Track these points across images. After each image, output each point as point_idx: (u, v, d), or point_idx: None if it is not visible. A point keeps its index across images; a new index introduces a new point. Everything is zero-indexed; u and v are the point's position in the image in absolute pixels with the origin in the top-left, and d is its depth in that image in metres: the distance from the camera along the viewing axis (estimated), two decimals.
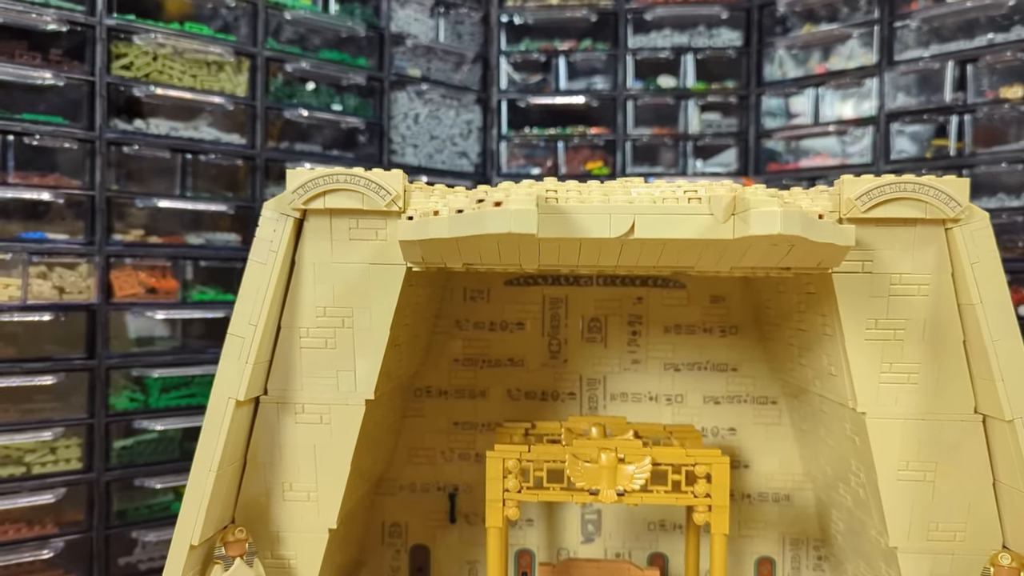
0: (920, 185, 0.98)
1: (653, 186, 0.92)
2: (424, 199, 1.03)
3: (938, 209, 0.99)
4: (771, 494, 1.50)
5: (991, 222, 1.00)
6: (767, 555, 1.50)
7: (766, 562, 1.50)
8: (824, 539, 1.47)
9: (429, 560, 1.52)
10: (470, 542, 1.51)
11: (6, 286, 1.49)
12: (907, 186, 0.98)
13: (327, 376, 1.10)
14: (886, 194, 0.98)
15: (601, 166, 2.38)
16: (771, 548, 1.49)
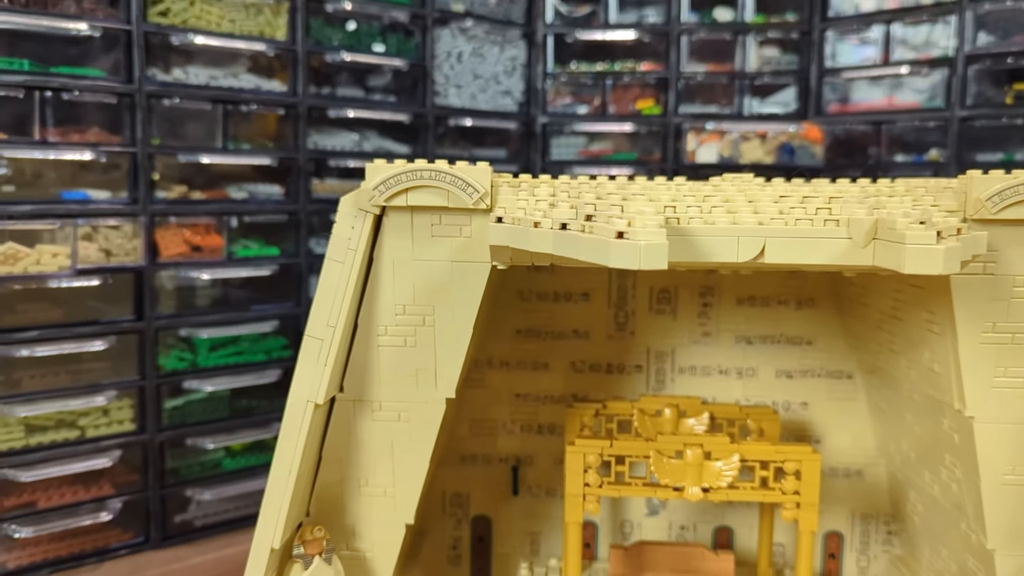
0: None
1: (773, 191, 0.84)
2: (512, 195, 0.96)
3: None
4: (842, 469, 1.47)
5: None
6: (835, 529, 1.48)
7: (834, 536, 1.48)
8: (896, 515, 1.44)
9: (491, 530, 1.51)
10: (533, 514, 1.50)
11: (55, 255, 1.43)
12: None
13: (406, 374, 1.05)
14: (1021, 195, 0.90)
15: (652, 105, 2.27)
16: (840, 523, 1.47)
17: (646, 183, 1.03)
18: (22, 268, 1.40)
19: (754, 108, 2.23)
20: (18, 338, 1.54)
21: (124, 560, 1.69)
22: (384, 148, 2.04)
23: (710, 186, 0.87)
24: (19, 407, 1.55)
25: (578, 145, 2.32)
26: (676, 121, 2.23)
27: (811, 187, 0.95)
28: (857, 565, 1.47)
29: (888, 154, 2.07)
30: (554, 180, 1.03)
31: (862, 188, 1.01)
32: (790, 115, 2.19)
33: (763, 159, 2.03)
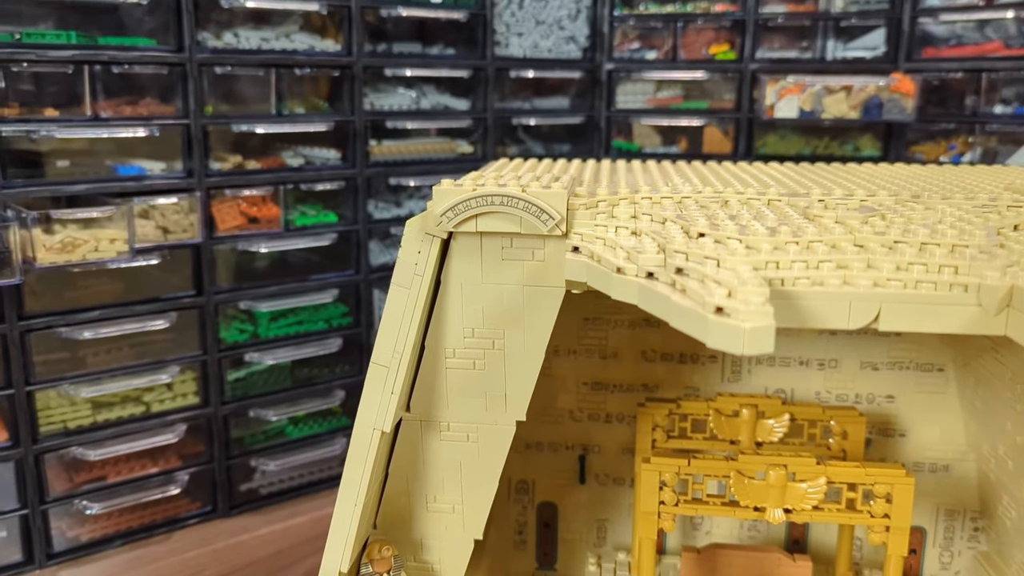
0: None
1: (885, 229, 0.75)
2: (588, 219, 0.88)
3: None
4: (928, 464, 1.39)
5: None
6: (918, 524, 1.41)
7: (916, 531, 1.42)
8: (984, 512, 1.37)
9: (557, 516, 1.48)
10: (600, 501, 1.46)
11: (112, 240, 1.40)
12: None
13: (475, 396, 1.00)
14: None
15: (726, 50, 2.12)
16: (923, 518, 1.41)
17: (731, 195, 0.94)
18: (80, 256, 1.37)
19: (838, 53, 2.07)
20: (81, 319, 1.53)
21: (193, 529, 1.72)
22: (442, 104, 1.95)
23: (813, 229, 0.77)
24: (84, 387, 1.56)
25: (645, 93, 2.19)
26: (752, 67, 2.09)
27: (854, 174, 0.85)
28: (939, 560, 1.41)
29: (987, 104, 1.91)
30: (634, 196, 0.95)
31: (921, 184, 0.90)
32: (878, 60, 2.03)
33: (848, 114, 1.89)
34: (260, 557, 1.63)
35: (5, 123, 1.42)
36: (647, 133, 2.21)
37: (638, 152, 2.21)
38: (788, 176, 1.20)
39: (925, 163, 1.99)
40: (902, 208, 0.88)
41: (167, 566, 1.59)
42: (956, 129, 1.97)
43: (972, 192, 0.98)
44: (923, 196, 0.94)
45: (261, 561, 1.61)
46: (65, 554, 1.59)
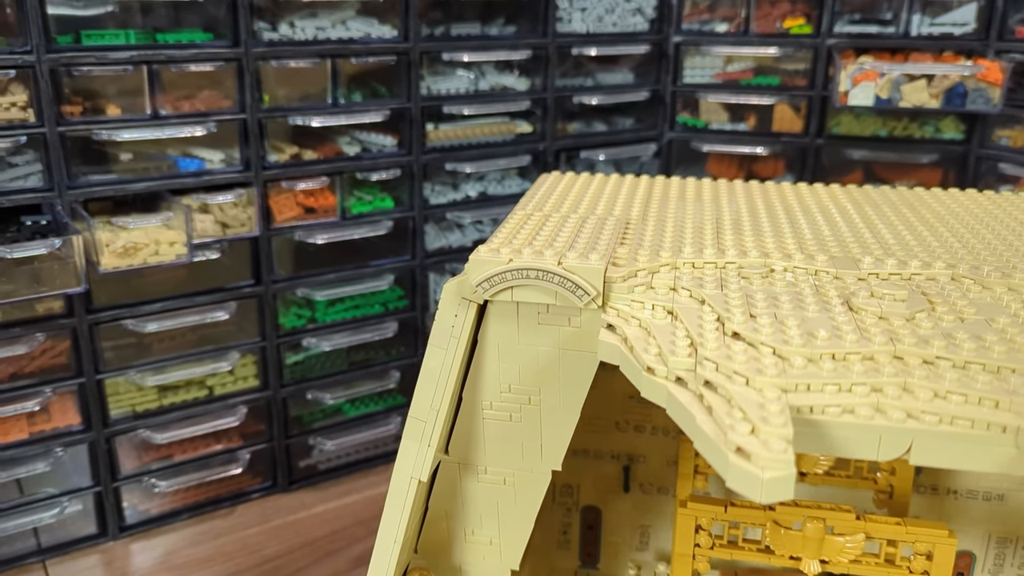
0: None
1: (931, 331, 0.72)
2: (626, 293, 0.86)
3: None
4: (982, 492, 1.37)
5: None
6: (967, 549, 1.39)
7: (965, 555, 1.40)
8: None
9: (600, 520, 1.51)
10: (644, 508, 1.48)
11: (172, 243, 1.44)
12: None
13: (512, 444, 1.01)
14: None
15: (802, 23, 2.02)
16: (973, 544, 1.39)
17: (777, 261, 0.91)
18: (141, 260, 1.42)
19: (923, 29, 1.95)
20: (145, 311, 1.59)
21: (254, 503, 1.80)
22: (501, 84, 1.91)
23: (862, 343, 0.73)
24: (150, 375, 1.63)
25: (714, 67, 2.11)
26: (829, 43, 1.98)
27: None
28: None
29: None
30: (675, 262, 0.92)
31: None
32: (967, 36, 1.91)
33: (928, 103, 1.79)
34: (316, 537, 1.70)
35: (69, 123, 1.46)
36: (714, 109, 2.14)
37: (704, 128, 2.15)
38: (846, 217, 1.15)
39: (1012, 150, 1.89)
40: (954, 292, 0.84)
41: (229, 542, 1.68)
42: None
43: (1011, 266, 0.93)
44: (983, 269, 0.89)
45: (317, 541, 1.69)
46: (136, 527, 1.69)
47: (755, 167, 2.19)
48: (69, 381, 1.56)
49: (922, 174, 2.06)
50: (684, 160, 2.21)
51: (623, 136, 2.11)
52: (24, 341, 1.50)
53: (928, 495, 1.37)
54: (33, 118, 1.42)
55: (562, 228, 1.02)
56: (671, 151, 2.18)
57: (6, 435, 1.53)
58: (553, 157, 2.01)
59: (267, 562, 1.62)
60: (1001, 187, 1.92)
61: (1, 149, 1.41)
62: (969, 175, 1.97)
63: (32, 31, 1.38)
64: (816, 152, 2.07)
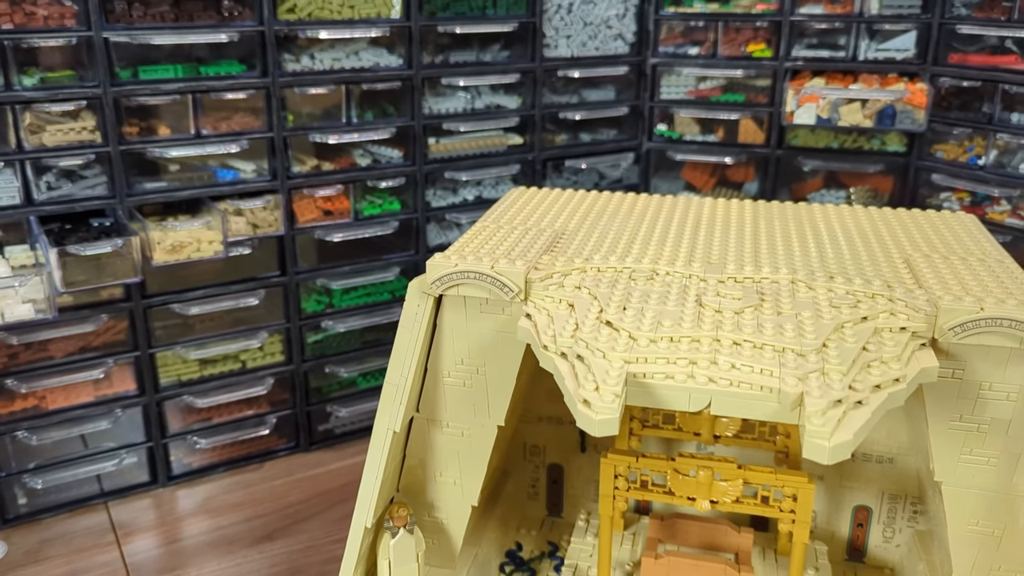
0: (1018, 322, 1.01)
1: (753, 319, 1.01)
2: (542, 290, 1.16)
3: None
4: (875, 455, 1.63)
5: None
6: (864, 504, 1.66)
7: (863, 510, 1.67)
8: (921, 499, 1.61)
9: (563, 476, 1.80)
10: (597, 466, 1.76)
11: (211, 242, 1.76)
12: (1004, 322, 1.01)
13: (466, 405, 1.31)
14: (980, 328, 1.02)
15: (763, 48, 2.28)
16: (869, 499, 1.65)
17: (663, 267, 1.20)
18: (186, 255, 1.74)
19: (870, 54, 2.20)
20: (189, 297, 1.92)
21: (280, 461, 2.13)
22: (495, 103, 2.20)
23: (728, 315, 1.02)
24: (193, 350, 1.95)
25: (687, 85, 2.38)
26: (787, 65, 2.24)
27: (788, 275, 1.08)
28: (883, 535, 1.66)
29: (1003, 112, 2.03)
30: (585, 266, 1.21)
31: (830, 290, 1.13)
32: (908, 61, 2.15)
33: (863, 122, 2.04)
34: (331, 488, 2.02)
35: (128, 143, 1.78)
36: (687, 123, 2.41)
37: (679, 139, 2.41)
38: (738, 229, 1.42)
39: (945, 162, 2.14)
40: (785, 293, 1.13)
41: (259, 491, 2.01)
42: (974, 132, 2.09)
43: (863, 271, 1.20)
44: (816, 275, 1.17)
45: (332, 491, 2.01)
46: (181, 477, 2.03)
47: (727, 173, 2.46)
48: (127, 354, 1.89)
49: (875, 180, 2.32)
50: (662, 168, 2.48)
51: (605, 147, 2.39)
52: (91, 321, 1.83)
53: None
54: (100, 139, 1.74)
55: (506, 239, 1.31)
56: (649, 160, 2.45)
57: (77, 397, 1.87)
58: (541, 165, 2.30)
59: (289, 507, 1.95)
60: (933, 196, 2.17)
61: (75, 165, 1.73)
62: (909, 185, 2.22)
63: (99, 68, 1.70)
64: (776, 161, 2.33)
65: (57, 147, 1.70)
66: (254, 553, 1.79)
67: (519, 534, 1.77)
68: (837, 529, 1.68)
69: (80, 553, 1.78)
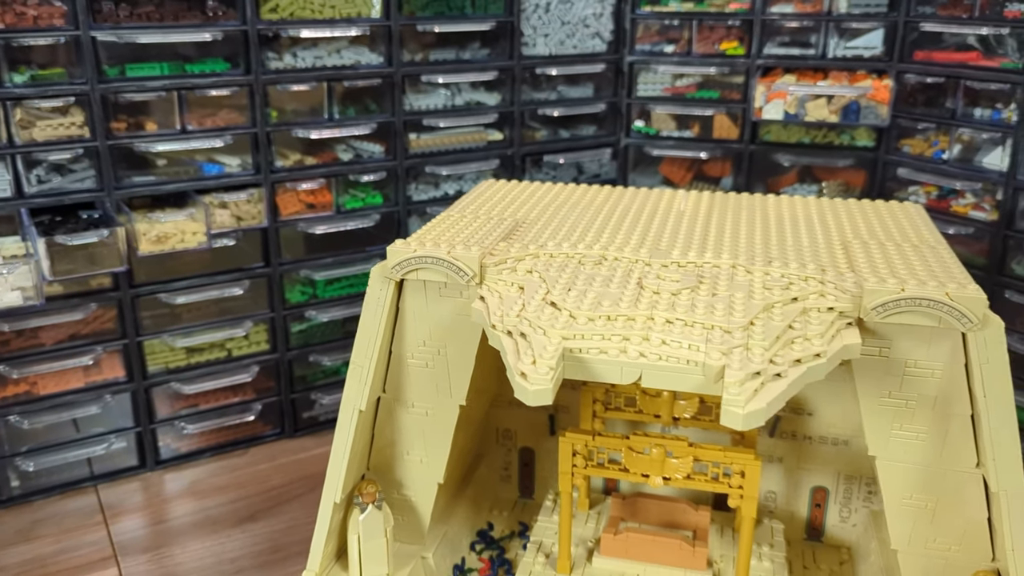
0: (935, 302, 1.07)
1: (688, 300, 1.07)
2: (496, 274, 1.22)
3: (952, 322, 1.08)
4: (831, 438, 1.69)
5: None
6: (822, 485, 1.73)
7: (820, 490, 1.73)
8: (875, 480, 1.67)
9: (534, 458, 1.87)
10: None
11: (194, 233, 1.83)
12: (923, 302, 1.07)
13: (429, 385, 1.38)
14: (901, 308, 1.08)
15: (736, 46, 2.34)
16: (826, 480, 1.71)
17: (612, 252, 1.27)
18: (171, 246, 1.81)
19: (839, 51, 2.26)
20: (176, 287, 1.99)
21: (265, 447, 2.20)
22: (475, 99, 2.27)
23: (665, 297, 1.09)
24: (180, 338, 2.03)
25: (663, 83, 2.44)
26: (758, 63, 2.30)
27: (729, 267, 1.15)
28: (840, 515, 1.72)
29: (965, 107, 2.09)
30: (538, 252, 1.28)
31: (769, 277, 1.20)
32: (875, 58, 2.21)
33: (828, 118, 2.11)
34: (313, 472, 2.09)
35: (116, 138, 1.85)
36: (664, 119, 2.47)
37: (656, 135, 2.48)
38: (691, 218, 1.49)
39: (912, 157, 2.20)
40: (723, 276, 1.19)
41: (243, 475, 2.08)
42: (939, 127, 2.15)
43: (801, 256, 1.27)
44: (756, 260, 1.24)
45: (314, 475, 2.08)
46: (168, 461, 2.10)
47: (704, 168, 2.52)
48: (116, 342, 1.96)
49: (847, 175, 2.38)
50: (641, 163, 2.54)
51: (583, 142, 2.46)
52: (81, 309, 1.90)
53: (788, 440, 1.70)
54: (88, 134, 1.81)
55: (467, 227, 1.38)
56: (627, 155, 2.52)
57: (67, 383, 1.94)
58: (520, 160, 2.37)
59: (272, 490, 2.02)
60: (901, 189, 2.23)
61: (64, 159, 1.81)
62: (878, 179, 2.28)
63: (87, 66, 1.78)
64: (750, 156, 2.39)
65: (47, 142, 1.77)
66: (237, 533, 1.86)
67: (491, 515, 1.83)
68: (796, 509, 1.74)
69: (69, 533, 1.85)
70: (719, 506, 1.73)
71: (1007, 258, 2.02)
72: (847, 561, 1.68)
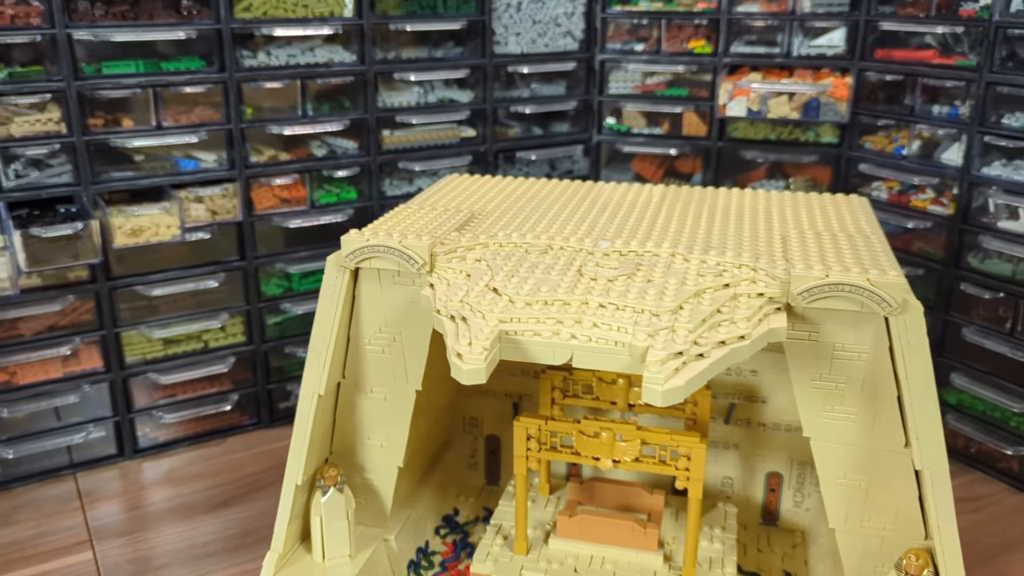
0: (856, 287, 1.12)
1: (623, 286, 1.12)
2: (446, 263, 1.27)
3: (873, 307, 1.13)
4: (784, 424, 1.74)
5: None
6: (776, 470, 1.78)
7: (775, 476, 1.78)
8: None
9: (500, 446, 1.92)
10: None
11: (168, 226, 1.88)
12: (845, 287, 1.12)
13: (386, 371, 1.43)
14: (825, 293, 1.13)
15: (703, 44, 2.39)
16: (780, 465, 1.77)
17: (558, 242, 1.32)
18: (145, 239, 1.86)
19: (803, 50, 2.31)
20: (153, 279, 2.04)
21: (242, 436, 2.25)
22: (448, 97, 2.32)
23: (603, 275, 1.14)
24: (157, 329, 2.08)
25: (634, 80, 2.49)
26: (725, 61, 2.36)
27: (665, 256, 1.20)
28: (793, 499, 1.78)
29: (923, 104, 2.14)
30: (488, 242, 1.33)
31: (703, 266, 1.25)
32: (838, 57, 2.27)
33: (789, 115, 2.16)
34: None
35: (93, 134, 1.90)
36: (635, 116, 2.52)
37: (627, 132, 2.53)
38: (641, 210, 1.54)
39: (875, 151, 2.25)
40: (660, 264, 1.24)
41: (219, 463, 2.13)
42: (898, 124, 2.21)
43: (740, 245, 1.32)
44: (695, 249, 1.29)
45: None
46: (147, 450, 2.15)
47: (675, 165, 2.57)
48: (94, 333, 2.01)
49: (814, 171, 2.43)
50: (614, 160, 2.60)
51: (555, 139, 2.51)
52: (59, 301, 1.95)
53: (744, 427, 1.75)
54: (65, 130, 1.86)
55: (423, 218, 1.43)
56: (599, 152, 2.57)
57: (46, 373, 1.99)
58: (493, 157, 2.42)
59: (247, 477, 2.07)
60: (865, 185, 2.29)
61: (41, 154, 1.86)
62: (841, 175, 2.33)
63: (63, 64, 1.83)
64: (718, 153, 2.44)
65: (24, 137, 1.82)
66: (210, 518, 1.91)
67: (458, 501, 1.89)
68: (752, 495, 1.79)
69: (48, 518, 1.90)
70: (679, 491, 1.79)
71: (963, 251, 2.07)
72: (800, 544, 1.74)
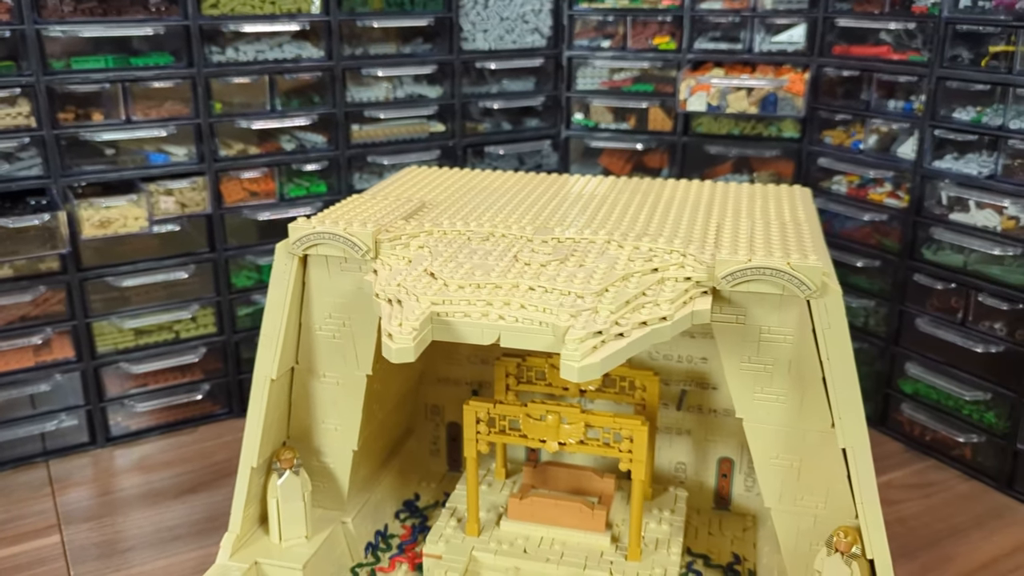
0: (777, 271, 1.17)
1: (555, 270, 1.17)
2: (391, 249, 1.32)
3: (793, 290, 1.18)
4: (734, 411, 1.79)
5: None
6: (727, 455, 1.82)
7: (726, 461, 1.83)
8: None
9: (461, 433, 1.96)
10: None
11: (136, 218, 1.93)
12: (766, 271, 1.17)
13: (338, 355, 1.47)
14: (748, 276, 1.18)
15: (668, 41, 2.44)
16: (731, 451, 1.81)
17: (500, 230, 1.36)
18: (113, 230, 1.91)
19: (764, 46, 2.35)
20: (123, 270, 2.08)
21: (213, 426, 2.29)
22: (416, 92, 2.36)
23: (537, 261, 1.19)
24: (128, 320, 2.12)
25: (601, 76, 2.54)
26: (689, 57, 2.40)
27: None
28: (744, 484, 1.82)
29: (879, 99, 2.18)
30: (432, 230, 1.38)
31: (641, 250, 1.29)
32: (798, 53, 2.31)
33: (748, 109, 2.20)
34: None
35: (63, 127, 1.95)
36: (602, 112, 2.57)
37: (595, 127, 2.58)
38: (586, 200, 1.58)
39: (834, 146, 2.29)
40: (594, 250, 1.29)
41: (189, 451, 2.18)
42: (855, 119, 2.25)
43: (671, 234, 1.37)
44: (628, 236, 1.33)
45: None
46: (119, 439, 2.20)
47: (643, 159, 2.61)
48: (65, 323, 2.06)
49: (778, 165, 2.47)
50: (584, 155, 2.64)
51: (524, 134, 2.56)
52: (30, 292, 2.00)
53: (696, 413, 1.80)
54: (34, 124, 1.91)
55: (374, 207, 1.47)
56: (568, 147, 2.61)
57: (19, 362, 2.03)
58: (462, 151, 2.46)
59: (215, 465, 2.11)
60: (826, 179, 2.33)
61: (11, 147, 1.90)
62: (803, 169, 2.38)
63: (32, 59, 1.87)
64: (683, 147, 2.49)
65: None
66: (177, 504, 1.95)
67: (419, 486, 1.93)
68: (705, 480, 1.84)
69: (18, 504, 1.95)
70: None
71: (917, 244, 2.11)
72: (750, 528, 1.78)
